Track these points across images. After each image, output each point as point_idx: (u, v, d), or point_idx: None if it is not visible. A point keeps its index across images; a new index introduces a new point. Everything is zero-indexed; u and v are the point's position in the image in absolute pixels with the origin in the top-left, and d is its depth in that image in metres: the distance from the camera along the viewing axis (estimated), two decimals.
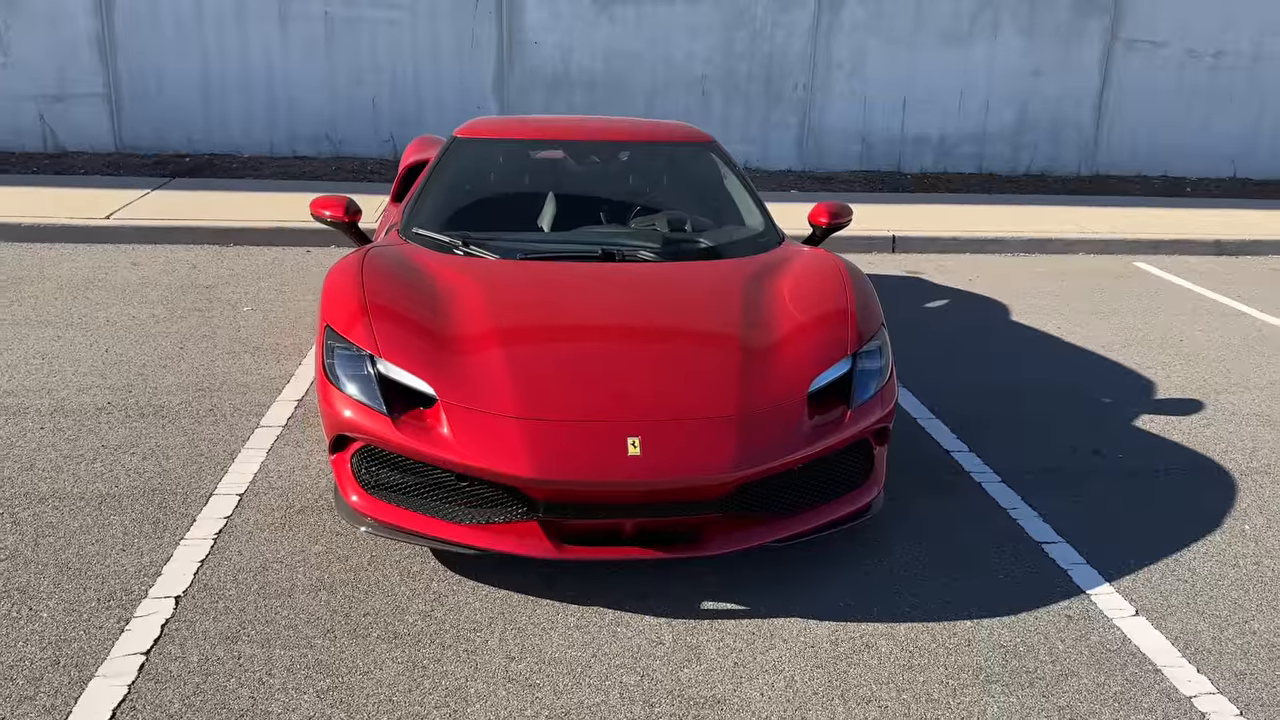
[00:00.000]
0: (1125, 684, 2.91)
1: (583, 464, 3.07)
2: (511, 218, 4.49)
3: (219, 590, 3.24)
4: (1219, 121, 11.50)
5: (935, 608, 3.26)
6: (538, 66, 10.65)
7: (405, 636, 3.04)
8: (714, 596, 3.28)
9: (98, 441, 4.26)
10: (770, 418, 3.26)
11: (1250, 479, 4.27)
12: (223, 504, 3.78)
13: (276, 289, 6.60)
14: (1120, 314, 6.69)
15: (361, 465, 3.35)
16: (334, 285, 3.77)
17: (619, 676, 2.88)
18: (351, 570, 3.38)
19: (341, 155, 10.64)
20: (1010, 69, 11.08)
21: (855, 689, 2.86)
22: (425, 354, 3.40)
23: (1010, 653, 3.04)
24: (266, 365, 5.22)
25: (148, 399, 4.72)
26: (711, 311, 3.74)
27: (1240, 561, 3.61)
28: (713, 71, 10.81)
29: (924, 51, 10.95)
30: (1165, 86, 11.32)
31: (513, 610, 3.18)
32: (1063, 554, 3.61)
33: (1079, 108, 11.28)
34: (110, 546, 3.46)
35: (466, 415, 3.19)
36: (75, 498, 3.78)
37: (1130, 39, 11.12)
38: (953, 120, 11.18)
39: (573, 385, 3.29)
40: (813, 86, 10.94)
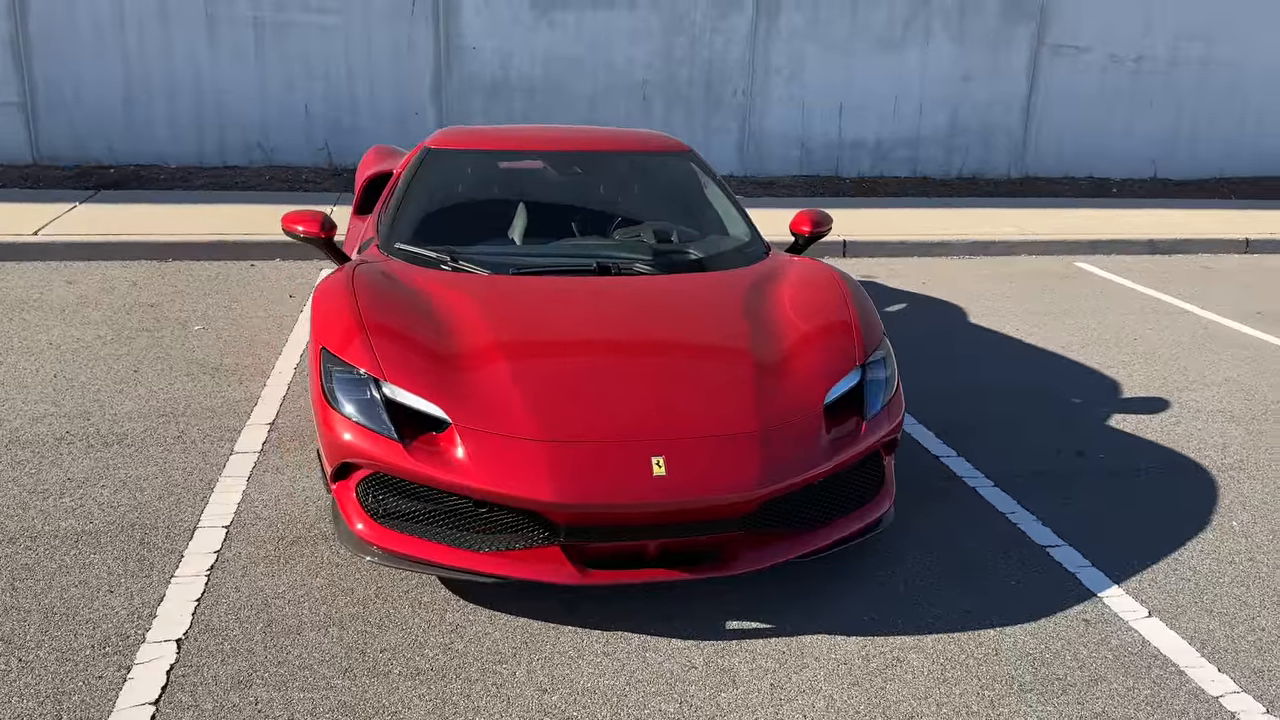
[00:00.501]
0: (1154, 687, 2.95)
1: (608, 486, 2.99)
2: (495, 231, 4.38)
3: (222, 631, 3.07)
4: (1140, 124, 11.91)
5: (957, 618, 3.26)
6: (476, 72, 10.49)
7: (428, 672, 2.92)
8: (738, 616, 3.23)
9: (62, 474, 4.03)
10: (790, 432, 3.23)
11: (1227, 475, 4.40)
12: (209, 538, 3.60)
13: (225, 306, 6.35)
14: (1072, 314, 6.85)
15: (368, 493, 3.22)
16: (325, 305, 3.62)
17: (657, 705, 2.81)
18: (359, 604, 3.24)
19: (274, 164, 10.33)
20: (942, 74, 11.31)
21: (895, 706, 2.84)
22: (432, 376, 3.28)
23: (1038, 660, 3.06)
24: (228, 387, 5.01)
25: (108, 426, 4.49)
26: (718, 325, 3.70)
27: (1235, 558, 3.70)
28: (653, 77, 10.79)
29: (859, 58, 11.10)
30: (1089, 91, 11.68)
31: (536, 639, 3.09)
32: (1068, 557, 3.66)
33: (1008, 112, 11.56)
34: (95, 588, 3.26)
35: (483, 439, 3.08)
36: (48, 536, 3.56)
37: (1056, 44, 11.44)
38: (888, 125, 11.35)
39: (590, 405, 3.21)
40: (752, 92, 11.00)
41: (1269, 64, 11.99)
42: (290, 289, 6.81)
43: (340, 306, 3.57)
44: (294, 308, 6.37)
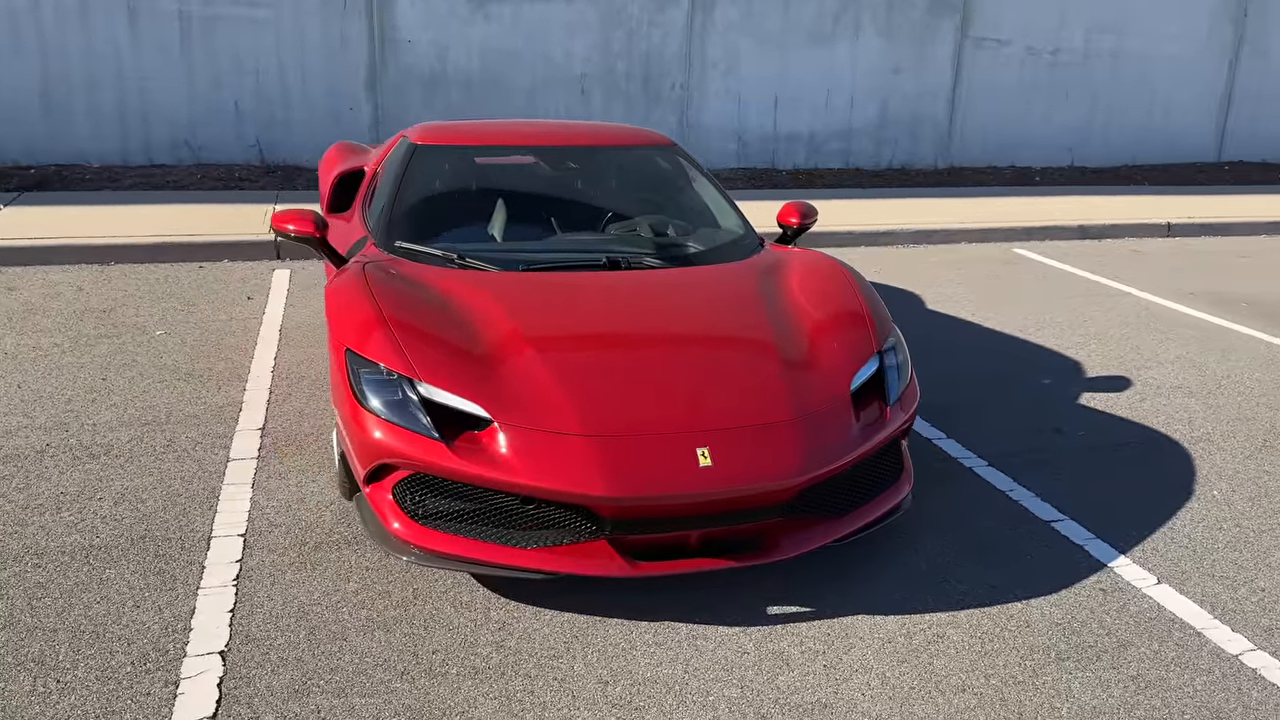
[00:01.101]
0: (1178, 649, 3.12)
1: (656, 478, 3.02)
2: (494, 227, 4.35)
3: (265, 640, 3.01)
4: (1057, 114, 12.38)
5: (983, 593, 3.39)
6: (413, 65, 10.34)
7: (486, 670, 2.91)
8: (776, 601, 3.30)
9: (53, 488, 3.87)
10: (824, 420, 3.31)
11: (1198, 447, 4.64)
12: (227, 547, 3.51)
13: (183, 309, 6.16)
14: (1022, 299, 7.11)
15: (406, 494, 3.19)
16: (344, 306, 3.55)
17: (720, 691, 2.86)
18: (399, 606, 3.20)
19: (203, 162, 10.02)
20: (872, 67, 11.57)
21: (945, 679, 2.94)
22: (466, 374, 3.26)
23: (1067, 629, 3.20)
24: (207, 393, 4.87)
25: (91, 437, 4.32)
26: (738, 316, 3.75)
27: (1223, 525, 3.92)
28: (592, 70, 10.78)
29: (793, 51, 11.28)
30: (1010, 82, 12.09)
31: (585, 633, 3.10)
32: (1072, 531, 3.82)
33: (935, 103, 11.89)
34: (119, 603, 3.16)
35: (528, 436, 3.08)
36: (55, 552, 3.42)
37: (979, 37, 11.80)
38: (821, 117, 11.57)
39: (628, 399, 3.23)
40: (689, 85, 11.08)
41: (1174, 55, 12.58)
42: (246, 291, 6.63)
43: (360, 306, 3.51)
44: (255, 310, 6.21)
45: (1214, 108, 12.98)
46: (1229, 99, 12.99)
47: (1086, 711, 2.81)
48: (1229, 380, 5.56)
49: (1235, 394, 5.35)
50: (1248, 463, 4.48)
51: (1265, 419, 5.01)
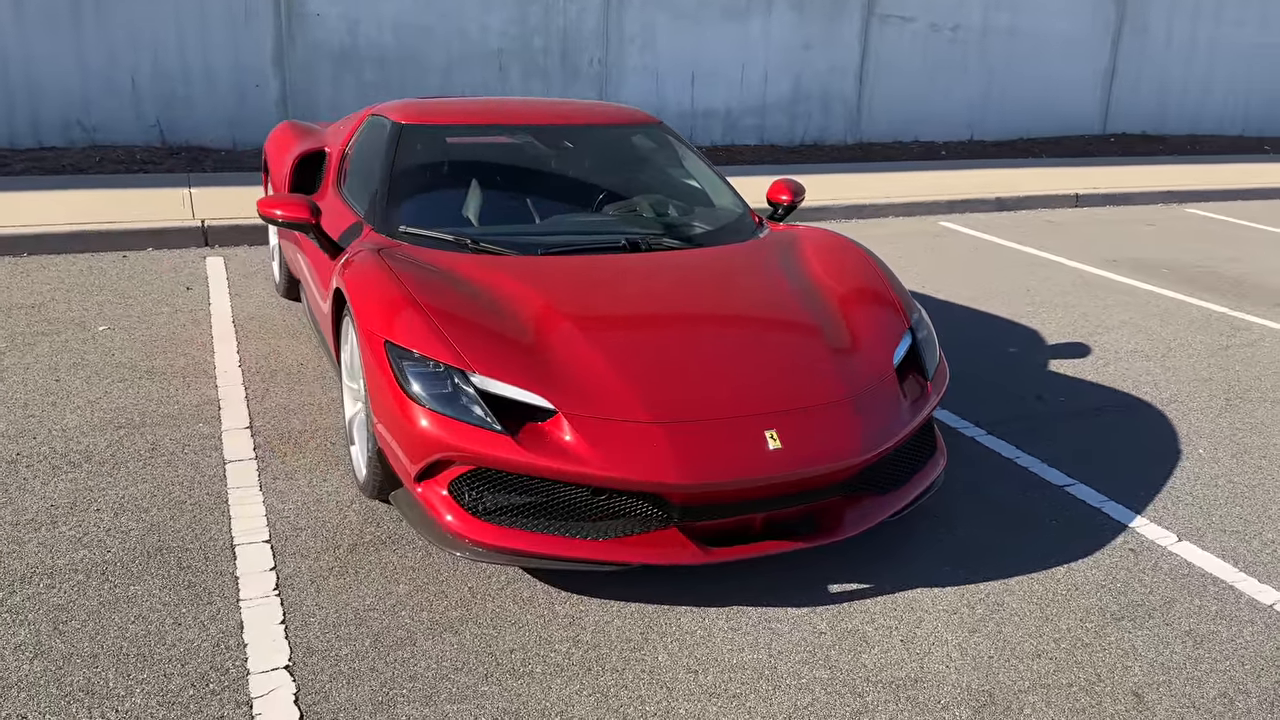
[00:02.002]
0: (1217, 602, 3.27)
1: (730, 463, 2.99)
2: (495, 209, 4.21)
3: (329, 652, 2.85)
4: (958, 89, 12.77)
5: (1024, 560, 3.48)
6: (322, 40, 9.91)
7: (571, 667, 2.84)
8: (834, 579, 3.31)
9: (40, 501, 3.58)
10: (877, 397, 3.33)
11: (1172, 408, 4.88)
12: (256, 555, 3.31)
13: (120, 302, 5.78)
14: (962, 270, 7.33)
15: (465, 490, 3.06)
16: (372, 295, 3.37)
17: (810, 673, 2.86)
18: (460, 606, 3.09)
19: (99, 144, 9.40)
20: (784, 43, 11.68)
21: (1018, 645, 3.01)
22: (519, 364, 3.15)
23: (1112, 590, 3.32)
24: (176, 391, 4.58)
25: (64, 444, 4.01)
26: (772, 295, 3.72)
27: (1218, 481, 4.13)
28: (508, 45, 10.56)
29: (708, 26, 11.29)
30: (914, 58, 12.40)
31: (658, 623, 3.05)
32: (1086, 494, 3.97)
33: (844, 79, 12.11)
34: (156, 622, 2.94)
35: (597, 425, 3.00)
36: (67, 570, 3.17)
37: (884, 14, 12.05)
38: (736, 94, 11.63)
39: (688, 383, 3.18)
40: (607, 61, 10.97)
41: (1063, 32, 13.13)
42: (182, 281, 6.26)
43: (391, 296, 3.35)
44: (199, 301, 5.87)
45: (1099, 83, 13.61)
46: (1112, 74, 13.65)
47: (1157, 668, 2.93)
48: (1176, 343, 5.86)
49: (1185, 356, 5.64)
50: (1219, 421, 4.74)
51: (1220, 379, 5.30)
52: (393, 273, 3.47)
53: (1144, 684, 2.86)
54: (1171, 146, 13.42)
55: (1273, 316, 6.47)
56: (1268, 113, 14.89)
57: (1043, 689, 2.82)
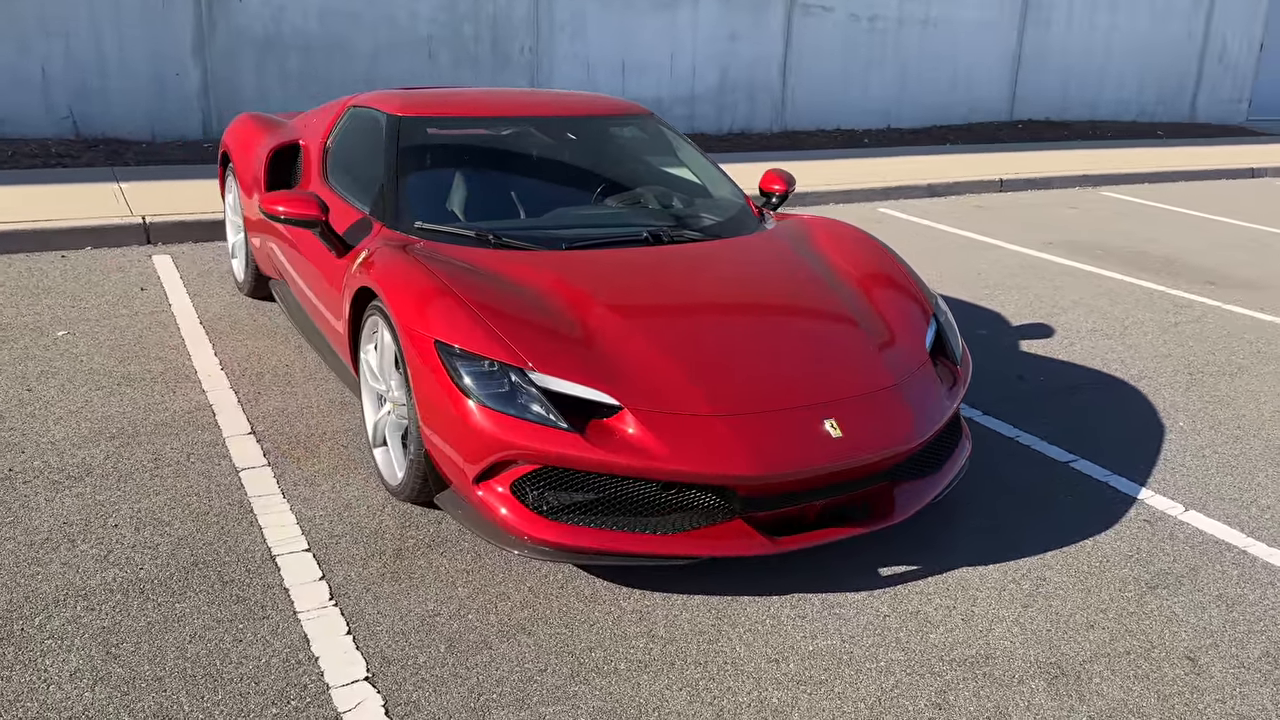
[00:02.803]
0: (1238, 567, 3.46)
1: (796, 454, 3.02)
2: (506, 203, 4.14)
3: (407, 660, 2.78)
4: (875, 79, 13.07)
5: (1051, 535, 3.61)
6: (245, 27, 9.56)
7: (656, 663, 2.83)
8: (883, 562, 3.38)
9: (51, 519, 3.38)
10: (919, 383, 3.40)
11: (1144, 383, 5.12)
12: (300, 565, 3.20)
13: (72, 305, 5.49)
14: (912, 255, 7.52)
15: (529, 489, 3.02)
16: (414, 294, 3.28)
17: (886, 655, 2.92)
18: (525, 607, 3.04)
19: (7, 137, 8.89)
20: (712, 33, 11.77)
21: (1071, 617, 3.13)
22: (576, 360, 3.12)
23: (1139, 560, 3.48)
24: (162, 398, 4.38)
25: (58, 458, 3.80)
26: (801, 284, 3.76)
27: (1203, 452, 4.36)
28: (438, 32, 10.36)
29: (638, 16, 11.28)
30: (834, 48, 12.64)
31: (727, 614, 3.06)
32: (1090, 469, 4.14)
33: (769, 69, 12.27)
34: (214, 640, 2.82)
35: (664, 420, 2.99)
36: (102, 591, 3.01)
37: (806, 4, 12.25)
38: (666, 83, 11.67)
39: (742, 374, 3.19)
40: (538, 49, 10.87)
41: (973, 22, 13.57)
42: (132, 281, 5.98)
43: (435, 294, 3.26)
44: (157, 302, 5.62)
45: (1007, 72, 14.12)
46: (1018, 62, 14.17)
47: (1201, 632, 3.09)
48: (1130, 322, 6.15)
49: (1141, 334, 5.93)
50: (1189, 395, 5.00)
51: (1178, 355, 5.58)
52: (430, 269, 3.38)
53: (1193, 648, 3.01)
54: (1075, 132, 14.01)
55: (1207, 294, 6.85)
56: (1159, 99, 15.69)
57: (1104, 658, 2.95)
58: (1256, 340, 5.89)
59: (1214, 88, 16.10)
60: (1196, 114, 16.12)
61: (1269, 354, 5.66)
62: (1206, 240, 8.58)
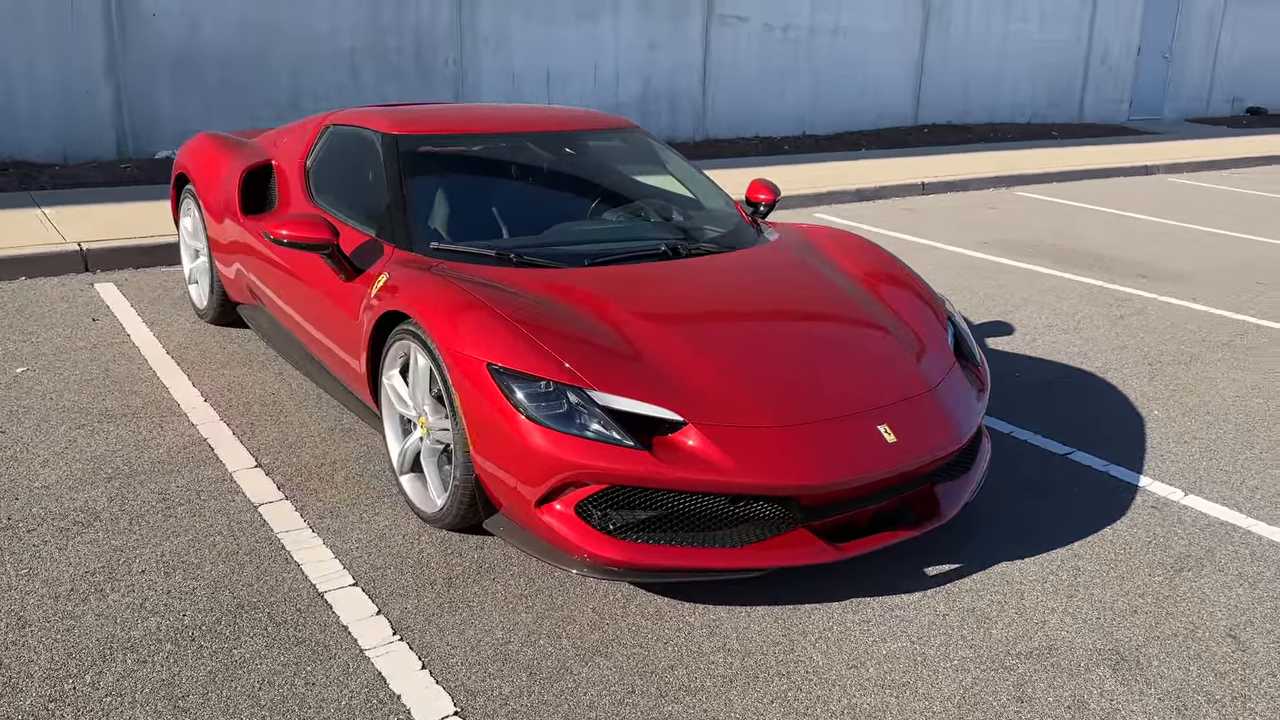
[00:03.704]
0: (1247, 547, 3.65)
1: (857, 461, 3.06)
2: (518, 219, 4.09)
3: (492, 692, 2.72)
4: (790, 86, 13.33)
5: (1071, 526, 3.75)
6: (159, 41, 9.18)
7: (739, 677, 2.83)
8: (928, 562, 3.45)
9: (70, 569, 3.19)
10: (953, 386, 3.49)
11: (1110, 376, 5.36)
12: (351, 600, 3.09)
13: (22, 339, 5.19)
14: None
15: (595, 510, 2.99)
16: (457, 317, 3.20)
17: (957, 653, 2.98)
18: (593, 629, 3.01)
19: None
20: (633, 43, 11.82)
21: (1114, 605, 3.26)
22: (629, 375, 3.10)
23: (1159, 545, 3.64)
24: (151, 435, 4.18)
25: (56, 504, 3.59)
26: (825, 293, 3.81)
27: (1184, 439, 4.59)
28: (360, 44, 10.14)
29: (560, 26, 11.26)
30: (751, 57, 12.85)
31: (793, 623, 3.09)
32: (1089, 460, 4.31)
33: (690, 78, 12.39)
34: (286, 685, 2.70)
35: (730, 434, 3.00)
36: (148, 642, 2.85)
37: (723, 14, 12.42)
38: (591, 93, 11.67)
39: (794, 384, 3.22)
40: (463, 61, 10.74)
41: (880, 31, 13.97)
42: (80, 311, 5.68)
43: (480, 316, 3.20)
44: (113, 333, 5.35)
45: (911, 78, 14.58)
46: (922, 70, 14.64)
47: (1234, 610, 3.25)
48: (1080, 316, 6.43)
49: (1094, 328, 6.20)
50: (1155, 384, 5.25)
51: (1133, 347, 5.86)
52: (469, 291, 3.32)
53: (1232, 626, 3.17)
54: (977, 135, 14.56)
55: (1141, 287, 7.21)
56: (1050, 101, 16.43)
57: (1155, 641, 3.08)
58: (1198, 330, 6.23)
59: (1099, 89, 16.95)
60: (1084, 114, 16.94)
61: (1213, 342, 6.00)
62: (1123, 235, 9.02)
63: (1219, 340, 6.03)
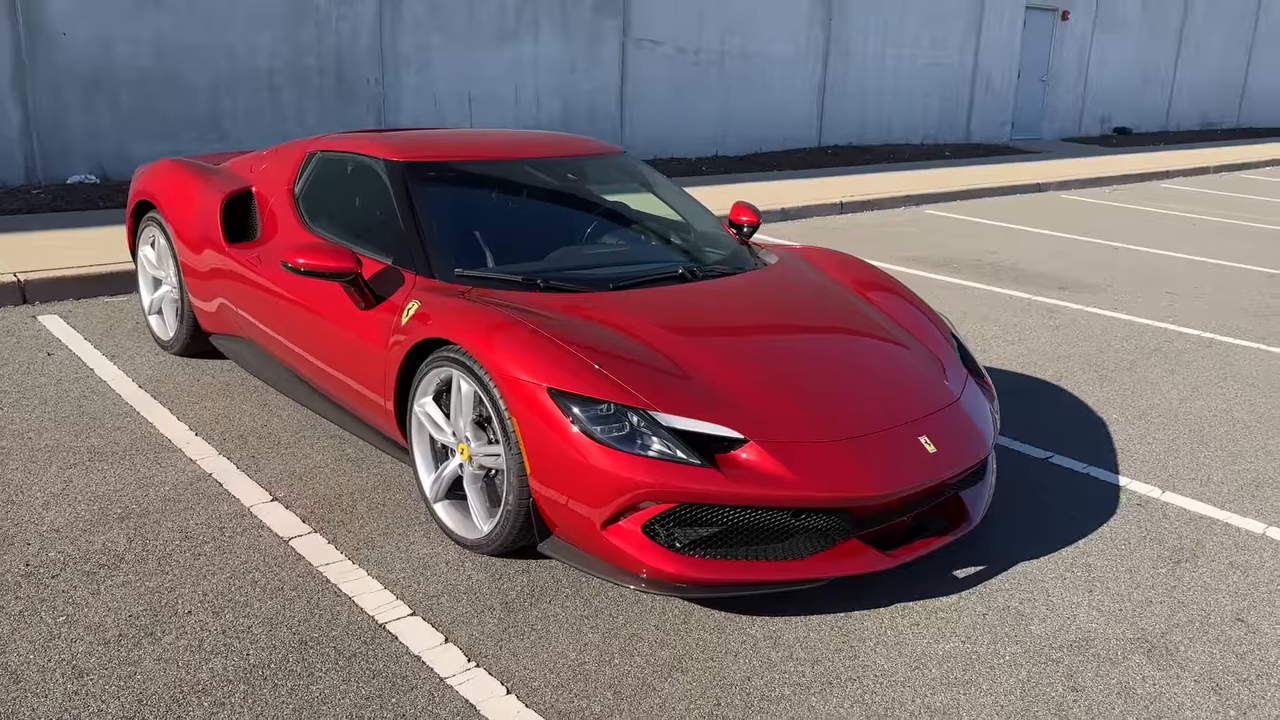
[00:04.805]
0: (1229, 537, 3.95)
1: (907, 471, 3.21)
2: (535, 245, 4.12)
3: (584, 712, 2.74)
4: (703, 109, 13.62)
5: (1069, 524, 3.99)
6: (70, 61, 8.82)
7: (814, 683, 2.93)
8: (954, 566, 3.63)
9: (108, 614, 3.08)
10: (972, 396, 3.69)
11: (1064, 383, 5.69)
12: (415, 630, 3.07)
13: None
14: None
15: (661, 528, 3.05)
16: (510, 343, 3.22)
17: (1006, 650, 3.15)
18: (665, 646, 3.06)
19: None
20: (553, 65, 11.90)
21: (1132, 595, 3.49)
22: (688, 396, 3.18)
23: (1153, 539, 3.90)
24: (150, 472, 4.05)
25: (73, 547, 3.45)
26: (845, 311, 3.96)
27: (1147, 439, 4.92)
28: (280, 65, 9.94)
29: (481, 48, 11.26)
30: (665, 80, 13.08)
31: (848, 629, 3.20)
32: (1069, 463, 4.58)
33: (608, 100, 12.53)
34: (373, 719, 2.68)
35: (787, 449, 3.10)
36: (217, 686, 2.77)
37: (638, 38, 12.62)
38: (512, 114, 11.69)
39: (841, 399, 3.36)
40: (384, 82, 10.63)
41: (785, 56, 14.40)
42: (28, 344, 5.42)
43: (532, 341, 3.22)
44: (73, 368, 5.14)
45: (815, 101, 15.07)
46: (823, 93, 15.15)
47: (1235, 596, 3.52)
48: (1020, 327, 6.79)
49: (1036, 339, 6.57)
50: (1106, 390, 5.61)
51: (1077, 356, 6.23)
52: (516, 316, 3.34)
53: (1239, 610, 3.44)
54: (878, 155, 15.14)
55: (1065, 298, 7.65)
56: (940, 123, 17.20)
57: (1177, 628, 3.32)
58: (1129, 337, 6.67)
59: (984, 112, 17.83)
60: (971, 135, 17.79)
61: (1146, 348, 6.43)
62: (1035, 250, 9.55)
63: (1150, 347, 6.47)
